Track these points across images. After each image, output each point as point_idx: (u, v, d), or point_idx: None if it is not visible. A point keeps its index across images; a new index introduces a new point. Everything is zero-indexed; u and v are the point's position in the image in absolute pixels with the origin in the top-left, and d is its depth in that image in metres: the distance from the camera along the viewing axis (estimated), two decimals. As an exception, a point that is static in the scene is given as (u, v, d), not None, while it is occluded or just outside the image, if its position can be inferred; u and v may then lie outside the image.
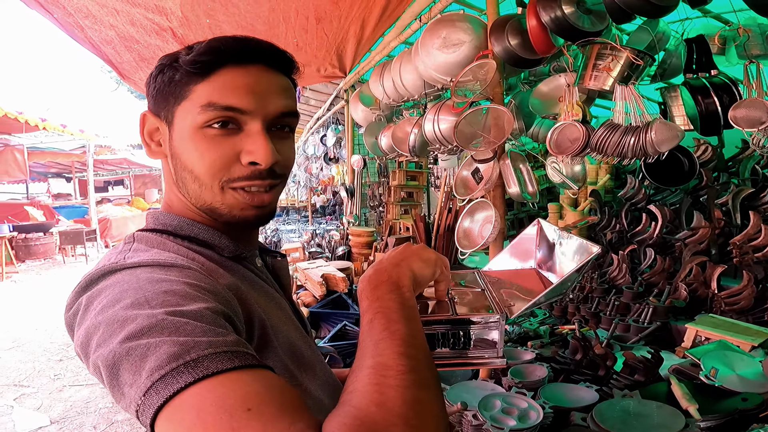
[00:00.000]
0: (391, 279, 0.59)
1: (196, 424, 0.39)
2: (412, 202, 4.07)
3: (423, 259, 0.66)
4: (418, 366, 0.47)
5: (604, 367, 1.68)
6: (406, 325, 0.52)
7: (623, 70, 1.50)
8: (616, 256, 2.94)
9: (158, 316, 0.46)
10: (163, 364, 0.42)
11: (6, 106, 6.91)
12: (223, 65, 0.63)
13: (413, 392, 0.44)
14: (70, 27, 1.83)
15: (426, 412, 0.43)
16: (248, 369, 0.44)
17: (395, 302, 0.55)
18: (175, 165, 0.67)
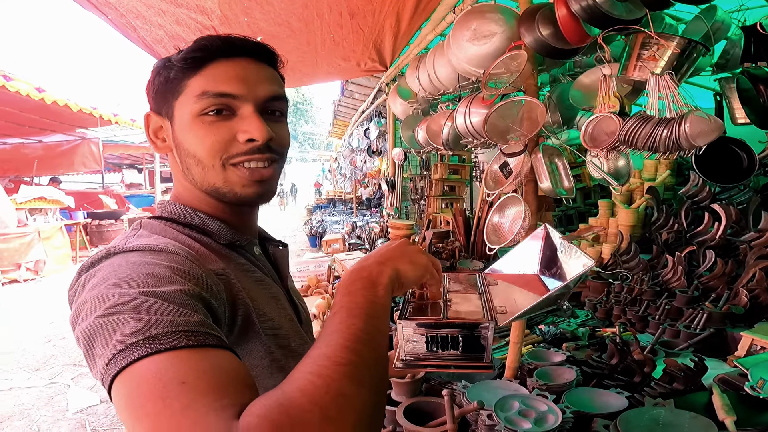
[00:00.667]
0: (369, 276, 0.59)
1: (134, 390, 0.43)
2: (453, 196, 4.02)
3: (412, 261, 0.65)
4: (359, 362, 0.46)
5: (640, 373, 1.60)
6: (365, 321, 0.52)
7: (671, 60, 1.40)
8: (671, 257, 2.76)
9: (132, 295, 0.50)
10: (125, 338, 0.46)
11: (82, 103, 7.49)
12: (212, 60, 0.70)
13: (341, 385, 0.43)
14: (124, 28, 1.97)
15: (349, 408, 0.42)
16: (201, 348, 0.47)
17: (364, 299, 0.55)
18: (180, 154, 0.73)
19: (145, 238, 0.65)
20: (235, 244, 0.76)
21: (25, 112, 7.90)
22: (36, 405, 3.30)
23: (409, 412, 1.45)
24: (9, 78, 6.02)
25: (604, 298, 2.60)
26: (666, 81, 1.28)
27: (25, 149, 11.31)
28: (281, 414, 0.40)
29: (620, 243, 3.17)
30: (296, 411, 0.40)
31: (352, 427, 0.41)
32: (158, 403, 0.41)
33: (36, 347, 4.41)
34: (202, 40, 0.70)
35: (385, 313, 0.56)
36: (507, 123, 1.68)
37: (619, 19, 1.24)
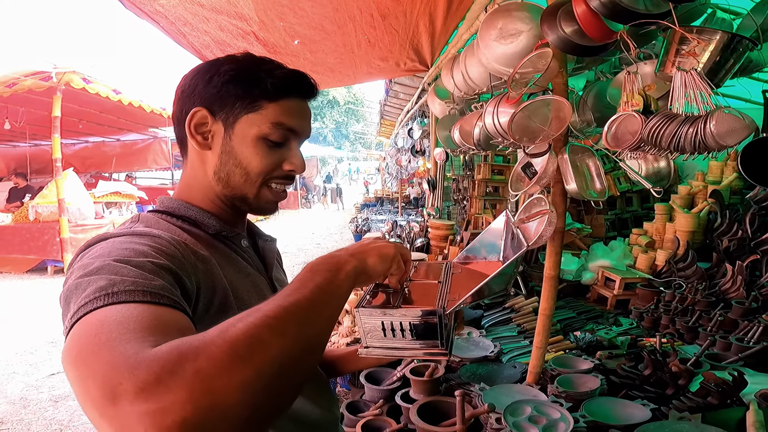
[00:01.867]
0: (336, 262, 0.62)
1: (76, 332, 0.48)
2: (497, 197, 3.94)
3: (380, 254, 0.69)
4: (288, 318, 0.47)
5: (674, 385, 1.52)
6: (312, 292, 0.53)
7: (714, 57, 1.31)
8: (731, 266, 2.57)
9: (107, 261, 0.57)
10: (90, 293, 0.51)
11: (153, 104, 8.08)
12: (291, 94, 0.80)
13: (260, 331, 0.44)
14: (175, 34, 2.12)
15: (261, 351, 0.42)
16: (153, 304, 0.51)
17: (321, 278, 0.57)
18: (226, 160, 0.80)
19: (141, 228, 0.72)
20: (222, 235, 0.84)
21: (104, 113, 8.67)
22: None
23: (424, 411, 1.47)
24: (89, 81, 6.62)
25: (652, 307, 2.47)
26: (693, 77, 1.20)
27: (105, 147, 12.38)
28: (191, 345, 0.41)
29: (676, 249, 2.98)
30: (206, 345, 0.41)
31: (259, 368, 0.41)
32: (90, 337, 0.45)
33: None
34: (291, 74, 0.80)
35: (338, 294, 0.58)
36: (535, 123, 1.64)
37: (644, 14, 1.18)
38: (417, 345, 0.68)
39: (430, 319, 0.66)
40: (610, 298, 2.66)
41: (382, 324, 0.68)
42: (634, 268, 2.93)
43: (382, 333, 0.69)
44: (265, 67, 0.80)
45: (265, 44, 2.23)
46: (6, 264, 7.28)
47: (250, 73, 0.78)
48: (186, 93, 0.81)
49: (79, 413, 3.14)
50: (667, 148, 1.14)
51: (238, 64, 0.80)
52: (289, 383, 0.45)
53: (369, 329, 0.70)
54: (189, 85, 0.81)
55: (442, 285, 0.73)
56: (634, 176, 1.68)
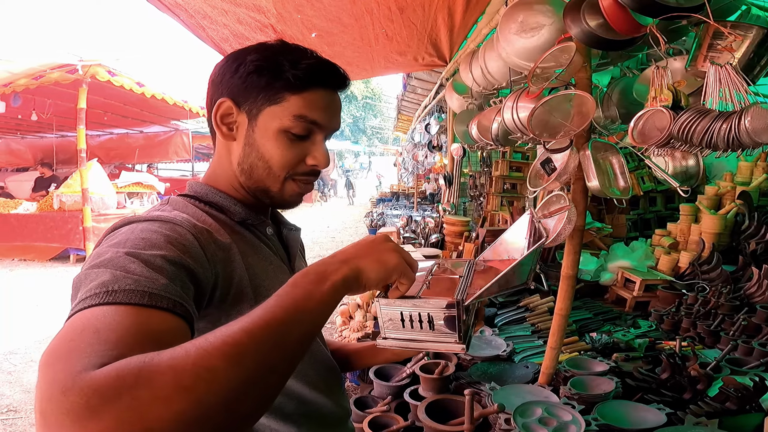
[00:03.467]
0: (323, 272, 0.57)
1: (61, 331, 0.47)
2: (515, 194, 3.88)
3: (379, 260, 0.62)
4: (249, 345, 0.44)
5: (691, 390, 1.47)
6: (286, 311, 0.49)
7: (748, 53, 1.25)
8: (757, 270, 2.50)
9: (118, 253, 0.56)
10: (93, 288, 0.51)
11: (175, 96, 8.20)
12: (315, 85, 0.77)
13: (211, 360, 0.41)
14: (194, 28, 2.14)
15: (209, 382, 0.39)
16: (147, 308, 0.50)
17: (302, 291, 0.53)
18: (249, 151, 0.80)
19: (166, 213, 0.72)
20: (248, 222, 0.84)
21: (128, 105, 8.83)
22: None
23: (432, 409, 1.45)
24: (114, 74, 6.75)
25: (673, 309, 2.41)
26: (728, 72, 1.15)
27: (128, 139, 12.63)
28: (134, 369, 0.39)
29: (701, 251, 2.90)
30: (150, 370, 0.39)
31: (202, 399, 0.39)
32: (62, 341, 0.44)
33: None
34: (316, 65, 0.77)
35: (319, 308, 0.53)
36: (557, 118, 1.60)
37: (674, 8, 1.13)
38: (435, 337, 0.67)
39: (449, 311, 0.65)
40: (629, 300, 2.60)
41: (401, 314, 0.67)
42: (656, 269, 2.86)
43: (400, 324, 0.68)
44: (291, 57, 0.77)
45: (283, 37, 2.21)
46: (30, 252, 7.49)
47: (275, 63, 0.76)
48: (215, 82, 0.81)
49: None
50: (698, 144, 1.09)
51: (264, 54, 0.78)
52: (241, 413, 0.42)
53: (388, 319, 0.69)
54: (218, 75, 0.80)
55: (463, 279, 0.72)
56: (660, 174, 1.63)
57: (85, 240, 7.16)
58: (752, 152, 1.08)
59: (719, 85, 1.13)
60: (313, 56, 0.79)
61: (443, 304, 0.65)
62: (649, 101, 1.33)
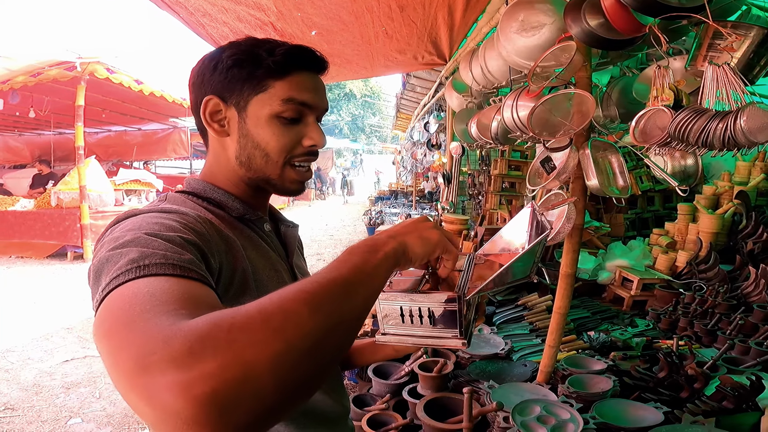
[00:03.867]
0: (374, 244, 0.59)
1: (108, 305, 0.48)
2: (513, 192, 3.89)
3: (422, 236, 0.65)
4: (324, 294, 0.46)
5: (689, 389, 1.48)
6: (350, 272, 0.52)
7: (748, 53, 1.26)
8: (754, 269, 2.51)
9: (139, 234, 0.58)
10: (122, 265, 0.52)
11: (174, 94, 8.18)
12: (297, 69, 0.79)
13: (295, 305, 0.43)
14: (194, 25, 2.13)
15: (295, 324, 0.42)
16: (183, 278, 0.52)
17: (359, 258, 0.55)
18: (245, 143, 0.81)
19: (168, 205, 0.73)
20: (246, 218, 0.84)
21: (127, 102, 8.81)
22: (104, 373, 3.54)
23: (430, 407, 1.46)
24: (112, 71, 6.73)
25: (670, 308, 2.42)
26: (726, 72, 1.16)
27: (126, 136, 12.61)
28: (228, 317, 0.41)
29: (698, 251, 2.91)
30: (241, 316, 0.41)
31: (292, 341, 0.41)
32: (123, 308, 0.46)
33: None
34: (293, 49, 0.79)
35: (375, 275, 0.55)
36: (557, 117, 1.60)
37: (676, 7, 1.13)
38: (435, 332, 0.67)
39: (450, 305, 0.65)
40: (627, 299, 2.61)
41: (401, 309, 0.67)
42: (653, 268, 2.87)
43: (400, 319, 0.68)
44: (266, 47, 0.79)
45: (283, 35, 2.22)
46: (27, 249, 7.47)
47: (252, 54, 0.78)
48: (196, 84, 0.82)
49: (89, 400, 3.19)
50: (694, 143, 1.10)
51: (239, 48, 0.80)
52: (320, 362, 0.44)
53: (387, 314, 0.69)
54: (198, 76, 0.82)
55: (464, 273, 0.72)
56: (659, 173, 1.63)
57: (82, 237, 7.14)
58: (748, 152, 1.09)
59: (717, 85, 1.13)
60: (286, 44, 0.80)
61: (443, 299, 0.65)
62: (651, 101, 1.33)
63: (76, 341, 4.18)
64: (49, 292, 5.57)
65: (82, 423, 2.92)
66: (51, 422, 2.91)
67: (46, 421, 2.92)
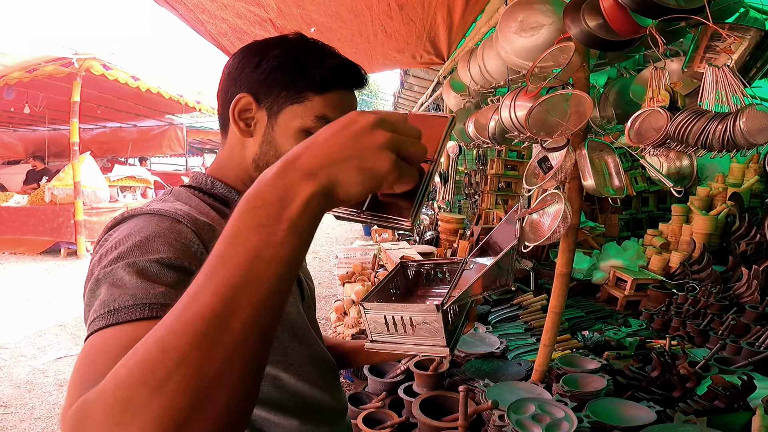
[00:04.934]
0: (282, 199, 0.39)
1: (78, 359, 0.50)
2: (509, 192, 3.90)
3: (362, 167, 0.41)
4: (171, 364, 0.34)
5: (681, 388, 1.49)
6: (222, 298, 0.35)
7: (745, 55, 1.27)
8: (747, 270, 2.54)
9: (115, 267, 0.57)
10: (96, 310, 0.53)
11: (170, 90, 8.13)
12: (338, 86, 0.76)
13: (132, 391, 0.34)
14: (193, 22, 2.13)
15: (133, 413, 0.33)
16: (148, 320, 0.52)
17: (246, 251, 0.37)
18: (266, 150, 0.78)
19: (168, 204, 0.72)
20: None
21: (123, 99, 8.76)
22: None
23: (426, 405, 1.46)
24: (108, 67, 6.69)
25: (663, 308, 2.44)
26: (725, 73, 1.17)
27: (122, 133, 12.53)
28: (83, 408, 0.36)
29: (692, 252, 2.93)
30: (93, 409, 0.35)
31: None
32: (75, 370, 0.48)
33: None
34: (340, 66, 0.76)
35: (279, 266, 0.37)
36: (553, 117, 1.61)
37: (675, 9, 1.14)
38: (419, 341, 0.67)
39: (430, 315, 0.65)
40: (621, 299, 2.63)
41: (385, 319, 0.67)
42: (647, 269, 2.89)
43: (385, 327, 0.68)
44: (316, 55, 0.76)
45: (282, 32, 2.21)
46: (20, 245, 7.41)
47: (299, 61, 0.75)
48: (233, 75, 0.79)
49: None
50: (694, 145, 1.11)
51: (287, 50, 0.77)
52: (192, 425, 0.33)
53: (373, 324, 0.69)
54: (237, 67, 0.78)
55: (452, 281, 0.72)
56: (654, 174, 1.64)
57: (76, 233, 7.10)
58: (746, 153, 1.10)
59: (716, 86, 1.14)
60: (336, 55, 0.78)
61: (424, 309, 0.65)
62: (647, 102, 1.34)
63: (69, 338, 4.15)
64: (42, 288, 5.52)
65: (75, 420, 2.91)
66: (44, 419, 2.89)
67: (39, 419, 2.90)
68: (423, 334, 0.66)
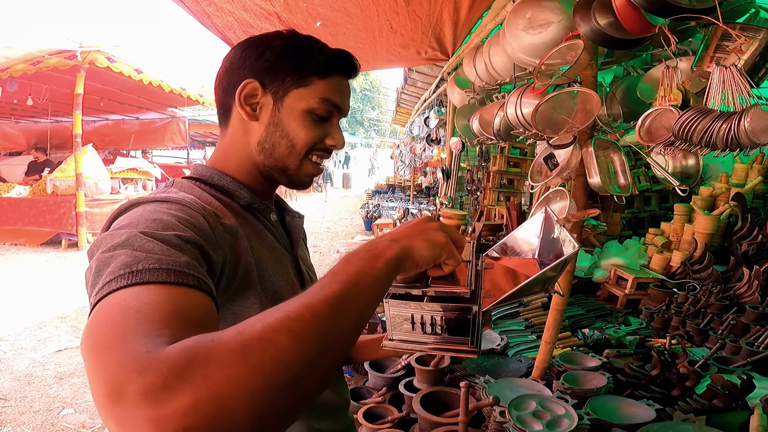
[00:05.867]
0: (375, 250, 0.57)
1: (97, 315, 0.47)
2: (512, 189, 3.90)
3: (428, 239, 0.62)
4: (311, 320, 0.44)
5: (680, 387, 1.50)
6: (343, 287, 0.49)
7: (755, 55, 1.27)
8: (748, 270, 2.53)
9: (133, 233, 0.56)
10: (115, 270, 0.51)
11: (173, 84, 8.12)
12: (338, 72, 0.84)
13: (277, 335, 0.41)
14: (200, 15, 2.12)
15: (273, 357, 0.40)
16: (176, 285, 0.50)
17: (356, 268, 0.53)
18: (272, 131, 0.82)
19: (172, 194, 0.72)
20: (253, 207, 0.85)
21: (126, 92, 8.75)
22: None
23: (427, 400, 1.47)
24: (112, 60, 6.68)
25: (663, 307, 2.44)
26: (732, 73, 1.17)
27: (124, 125, 12.52)
28: (204, 347, 0.39)
29: (693, 251, 2.94)
30: (219, 347, 0.39)
31: (269, 376, 0.39)
32: (107, 324, 0.45)
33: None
34: (340, 53, 0.84)
35: (375, 285, 0.53)
36: (560, 114, 1.61)
37: (687, 8, 1.14)
38: (446, 341, 0.65)
39: (464, 315, 0.63)
40: (621, 297, 2.63)
41: (412, 317, 0.64)
42: (648, 268, 2.89)
43: (410, 326, 0.65)
44: (314, 45, 0.83)
45: (288, 25, 2.21)
46: (21, 236, 7.41)
47: (301, 49, 0.81)
48: (236, 65, 0.82)
49: (83, 391, 3.16)
50: (698, 143, 1.11)
51: (288, 40, 0.82)
52: (303, 392, 0.42)
53: (396, 321, 0.66)
54: (239, 57, 0.81)
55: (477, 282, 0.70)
56: (660, 172, 1.64)
57: (77, 225, 7.10)
58: (749, 152, 1.10)
59: (723, 86, 1.14)
60: (328, 46, 0.84)
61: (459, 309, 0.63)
62: (658, 100, 1.34)
63: (69, 330, 4.15)
64: (43, 280, 5.52)
65: (75, 414, 2.89)
66: (43, 412, 2.88)
67: (39, 412, 2.89)
68: (450, 334, 0.64)
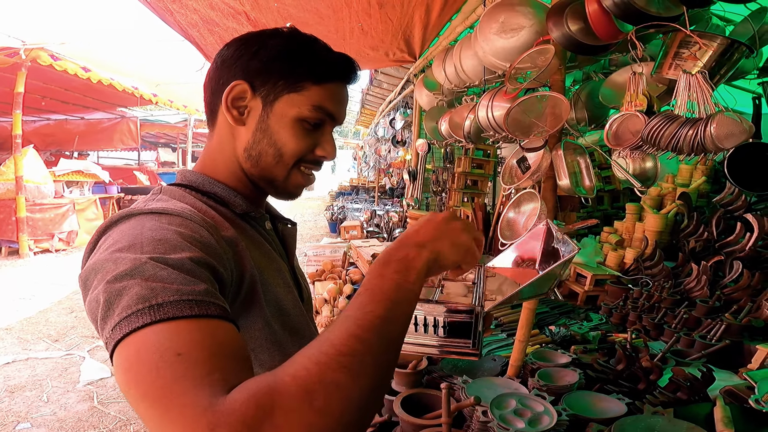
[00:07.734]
0: (405, 259, 0.56)
1: (132, 357, 0.44)
2: (476, 190, 3.98)
3: (455, 243, 0.61)
4: (364, 352, 0.44)
5: (645, 381, 1.57)
6: (386, 308, 0.49)
7: (711, 61, 1.34)
8: (696, 266, 2.68)
9: (142, 260, 0.51)
10: (131, 304, 0.47)
11: (124, 82, 7.73)
12: (335, 78, 0.77)
13: (337, 376, 0.42)
14: (162, 11, 2.02)
15: (339, 399, 0.41)
16: (203, 318, 0.48)
17: (392, 283, 0.52)
18: (259, 138, 0.76)
19: (164, 203, 0.67)
20: (249, 216, 0.80)
21: (71, 90, 8.26)
22: (50, 376, 3.35)
23: (407, 403, 1.46)
24: (57, 58, 6.29)
25: (621, 303, 2.55)
26: (698, 80, 1.23)
27: (68, 125, 11.82)
28: (267, 396, 0.40)
29: (645, 248, 3.09)
30: (283, 395, 0.40)
31: (339, 417, 0.40)
32: (152, 373, 0.42)
33: (58, 318, 4.47)
34: (339, 58, 0.78)
35: (411, 298, 0.53)
36: (530, 118, 1.65)
37: (655, 16, 1.20)
38: (447, 343, 0.65)
39: (467, 317, 0.64)
40: (581, 294, 2.73)
41: (415, 318, 0.65)
42: (604, 265, 3.02)
43: (413, 327, 0.66)
44: (314, 47, 0.77)
45: (256, 25, 2.14)
46: (-45, 243, 6.84)
47: (298, 51, 0.75)
48: (227, 63, 0.76)
49: (37, 404, 2.97)
50: (665, 148, 1.16)
51: (286, 40, 0.76)
52: (370, 414, 0.45)
53: None
54: (232, 56, 0.76)
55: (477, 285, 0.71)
56: (623, 174, 1.72)
57: (18, 231, 6.62)
58: (714, 157, 1.16)
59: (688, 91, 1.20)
60: (330, 49, 0.79)
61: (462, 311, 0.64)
62: (625, 105, 1.39)
63: (16, 342, 3.88)
64: (-21, 289, 5.13)
65: (32, 428, 2.74)
66: (-5, 428, 2.71)
67: (-11, 427, 2.72)
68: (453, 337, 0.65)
